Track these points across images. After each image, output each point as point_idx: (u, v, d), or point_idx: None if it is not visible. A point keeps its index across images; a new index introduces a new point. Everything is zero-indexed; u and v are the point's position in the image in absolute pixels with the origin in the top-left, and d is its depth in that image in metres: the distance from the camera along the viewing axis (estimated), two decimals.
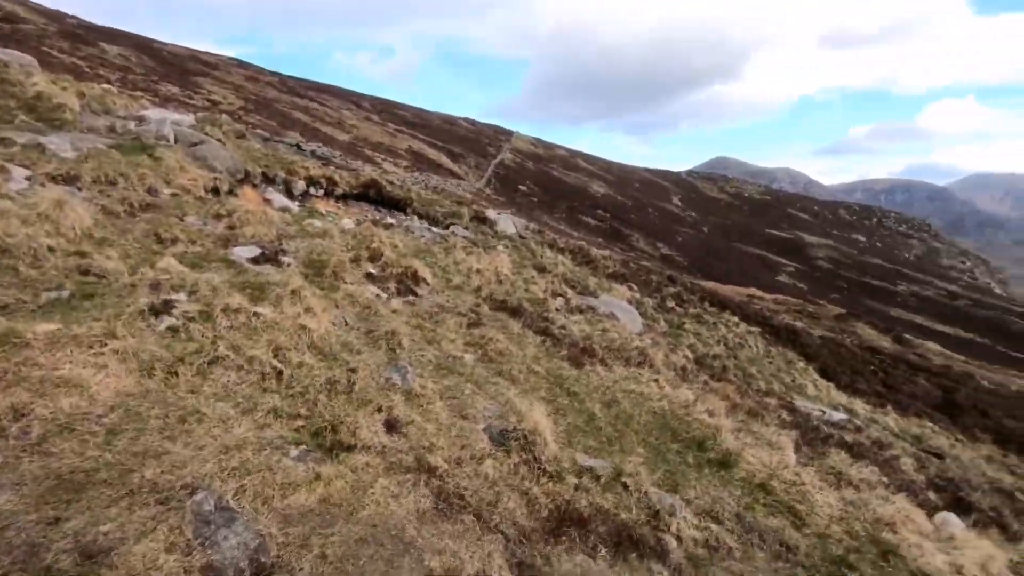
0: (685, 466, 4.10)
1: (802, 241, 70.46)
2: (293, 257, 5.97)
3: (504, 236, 12.79)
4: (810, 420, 7.60)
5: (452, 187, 28.12)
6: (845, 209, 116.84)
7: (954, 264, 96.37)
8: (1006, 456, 14.75)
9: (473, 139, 63.28)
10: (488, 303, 6.83)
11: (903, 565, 3.59)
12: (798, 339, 19.14)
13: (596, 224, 46.39)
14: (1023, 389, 25.64)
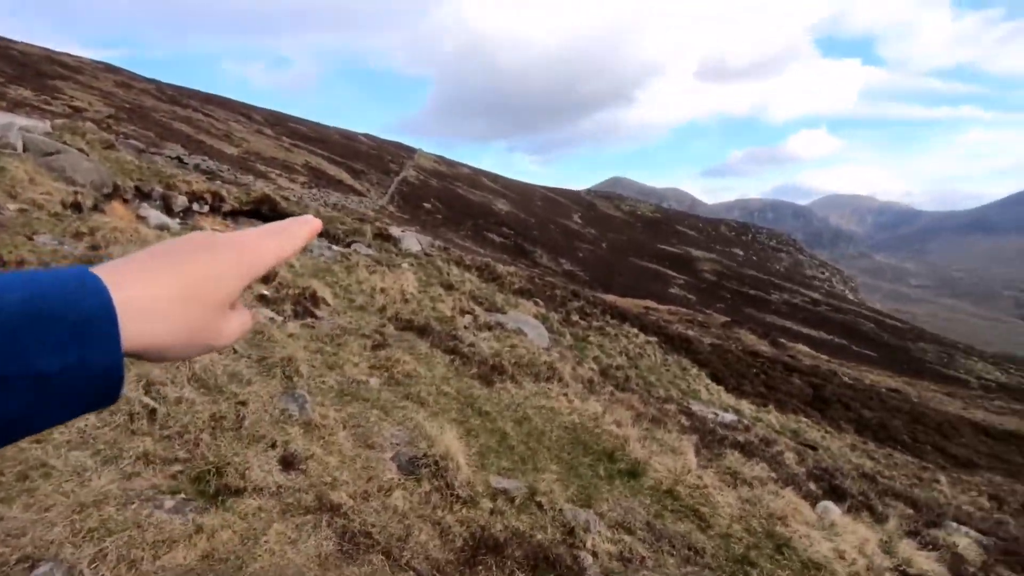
0: (597, 479, 4.13)
1: (690, 255, 76.01)
2: None
3: (409, 254, 12.51)
4: (706, 423, 8.06)
5: (353, 204, 27.20)
6: (725, 226, 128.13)
7: (815, 274, 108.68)
8: (865, 443, 16.66)
9: (375, 156, 61.93)
10: (394, 323, 6.58)
11: (796, 556, 3.84)
12: (691, 347, 20.47)
13: (501, 241, 46.99)
14: (875, 383, 29.23)
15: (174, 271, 0.45)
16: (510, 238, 50.30)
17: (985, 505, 11.02)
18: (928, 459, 16.95)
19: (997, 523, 8.87)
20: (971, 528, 7.01)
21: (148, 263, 0.45)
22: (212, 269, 0.47)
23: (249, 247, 0.50)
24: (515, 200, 76.64)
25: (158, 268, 0.45)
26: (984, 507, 10.73)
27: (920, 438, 19.25)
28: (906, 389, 30.13)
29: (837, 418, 18.55)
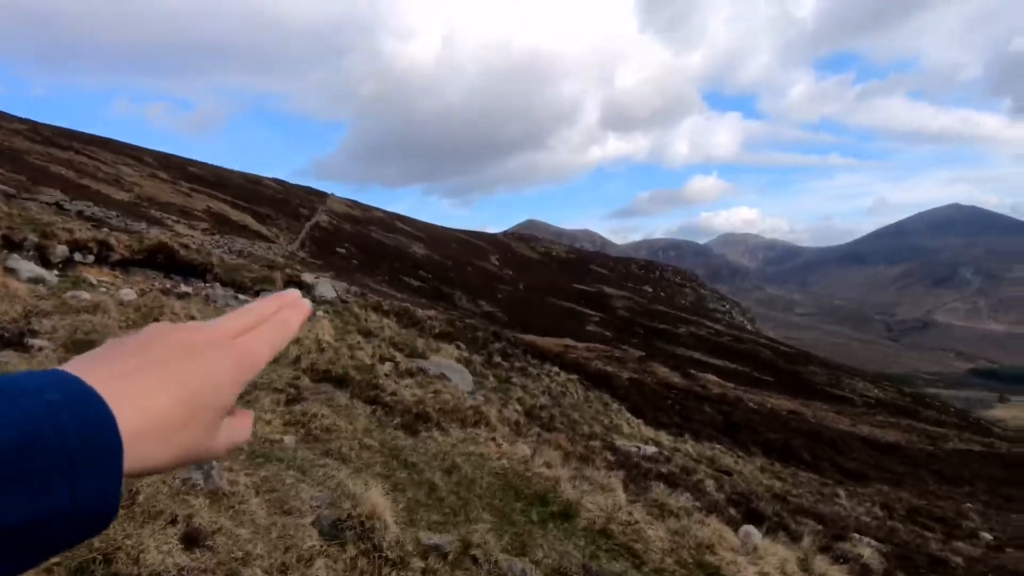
0: (531, 524, 4.04)
1: (604, 294, 79.06)
2: (48, 338, 4.78)
3: (324, 301, 12.01)
4: (631, 458, 8.22)
5: (261, 251, 25.90)
6: (635, 264, 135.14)
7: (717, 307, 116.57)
8: (773, 464, 17.69)
9: (283, 200, 59.79)
10: (310, 374, 6.22)
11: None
12: (610, 382, 21.03)
13: (419, 285, 46.48)
14: (776, 406, 31.39)
15: (175, 384, 0.41)
16: (428, 281, 49.91)
17: (879, 514, 11.97)
18: (827, 474, 18.25)
19: (891, 531, 9.65)
20: (871, 538, 7.57)
21: (144, 372, 0.40)
22: (210, 378, 0.42)
23: (244, 347, 0.45)
24: (432, 243, 76.59)
25: (157, 381, 0.41)
26: (878, 516, 11.64)
27: (818, 455, 20.74)
28: (803, 410, 32.58)
29: (746, 442, 19.62)
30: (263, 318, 0.48)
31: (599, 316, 63.57)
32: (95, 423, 0.36)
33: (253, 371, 0.45)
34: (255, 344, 0.45)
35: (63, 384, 0.36)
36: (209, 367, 0.42)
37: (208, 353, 0.43)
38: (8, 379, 0.35)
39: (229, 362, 0.43)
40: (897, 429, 33.32)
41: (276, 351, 0.47)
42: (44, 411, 0.34)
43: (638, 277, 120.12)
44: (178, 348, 0.42)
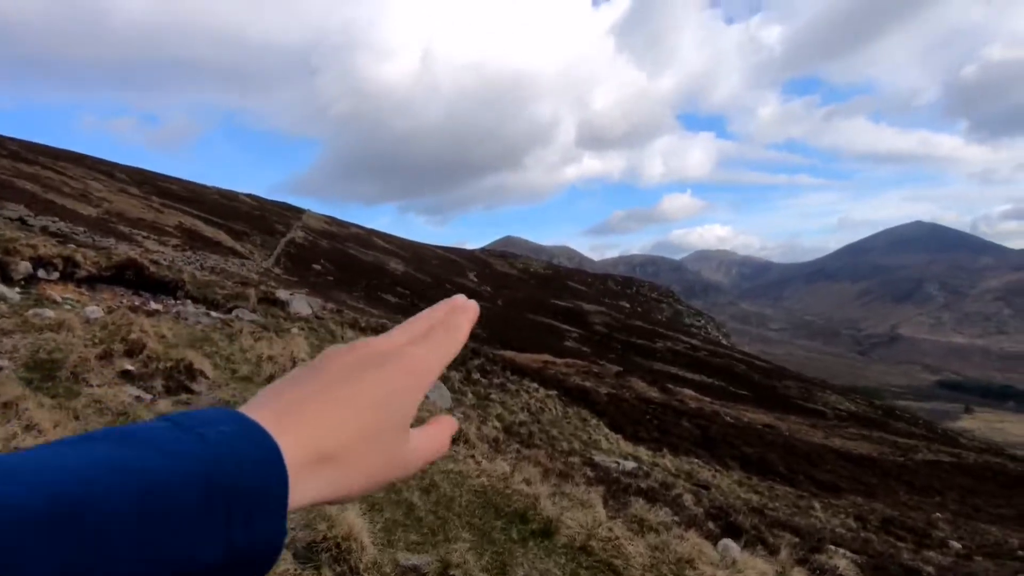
0: (511, 543, 4.00)
1: (582, 309, 79.52)
2: (9, 358, 4.61)
3: (299, 317, 11.83)
4: (610, 473, 8.21)
5: (235, 267, 25.45)
6: (612, 280, 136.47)
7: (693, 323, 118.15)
8: (750, 478, 17.85)
9: (258, 216, 59.00)
10: None
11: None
12: (588, 398, 21.06)
13: (397, 301, 46.11)
14: (752, 420, 31.77)
15: (348, 406, 0.39)
16: (406, 298, 49.57)
17: (853, 525, 12.14)
18: (802, 487, 18.47)
19: (864, 542, 9.79)
20: (846, 549, 7.67)
21: (314, 399, 0.39)
22: (387, 392, 0.40)
23: (413, 354, 0.43)
24: (409, 260, 76.24)
25: (328, 405, 0.39)
26: (852, 527, 11.80)
27: (794, 468, 21.00)
28: (777, 424, 33.03)
29: (723, 456, 19.78)
30: (433, 324, 0.46)
31: (577, 332, 63.82)
32: (261, 459, 0.34)
33: (427, 378, 0.43)
34: (424, 350, 0.43)
35: (230, 419, 0.35)
36: (382, 381, 0.40)
37: (380, 366, 0.41)
38: (181, 414, 0.35)
39: (401, 372, 0.41)
40: (869, 441, 33.99)
41: (448, 355, 0.45)
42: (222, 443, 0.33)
43: (615, 293, 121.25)
44: (349, 367, 0.40)
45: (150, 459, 0.31)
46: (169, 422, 0.34)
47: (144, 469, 0.31)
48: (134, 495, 0.30)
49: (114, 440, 0.32)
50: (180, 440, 0.33)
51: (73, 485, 0.31)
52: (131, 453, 0.31)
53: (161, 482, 0.31)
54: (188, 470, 0.32)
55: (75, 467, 0.31)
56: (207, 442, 0.33)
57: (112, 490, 0.30)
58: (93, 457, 0.31)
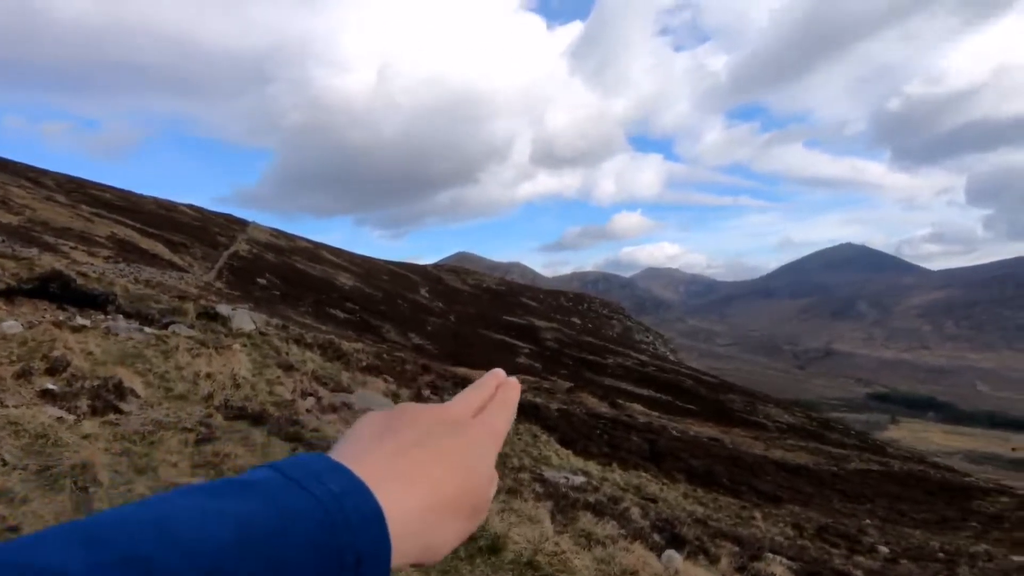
0: (457, 560, 3.96)
1: (534, 325, 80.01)
2: None
3: (241, 333, 11.39)
4: (559, 488, 8.26)
5: (172, 280, 24.27)
6: (564, 297, 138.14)
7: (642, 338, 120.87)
8: (696, 490, 18.30)
9: (200, 228, 56.63)
10: (223, 412, 5.85)
11: None
12: (540, 414, 21.12)
13: (346, 317, 45.06)
14: (698, 433, 32.65)
15: (450, 466, 0.39)
16: (355, 313, 48.51)
17: (790, 533, 12.63)
18: (745, 498, 19.09)
19: (801, 549, 10.20)
20: (784, 556, 7.97)
21: (415, 453, 0.38)
22: (479, 456, 0.42)
23: (490, 423, 0.46)
24: (360, 275, 74.82)
25: (431, 461, 0.38)
26: (790, 535, 12.28)
27: (737, 479, 21.69)
28: (722, 437, 34.09)
29: (671, 469, 20.21)
30: (489, 396, 0.49)
31: (529, 348, 64.11)
32: (369, 521, 0.34)
33: (499, 447, 0.45)
34: (496, 420, 0.46)
35: (336, 473, 0.34)
36: (475, 442, 0.42)
37: (468, 430, 0.42)
38: (288, 461, 0.34)
39: (486, 436, 0.43)
40: (806, 452, 35.53)
41: (509, 424, 0.49)
42: (332, 503, 0.33)
43: (567, 309, 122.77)
44: (439, 426, 0.41)
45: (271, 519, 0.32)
46: (278, 473, 0.34)
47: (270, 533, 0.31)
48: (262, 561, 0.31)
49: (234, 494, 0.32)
50: (293, 496, 0.33)
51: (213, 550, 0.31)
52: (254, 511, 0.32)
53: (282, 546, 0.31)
54: (305, 532, 0.32)
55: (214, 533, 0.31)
56: (318, 500, 0.33)
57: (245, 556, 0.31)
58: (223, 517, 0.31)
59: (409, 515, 0.36)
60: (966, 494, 26.26)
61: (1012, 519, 20.44)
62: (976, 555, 12.55)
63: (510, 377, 0.54)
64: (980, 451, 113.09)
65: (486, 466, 0.43)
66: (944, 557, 11.93)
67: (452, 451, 0.40)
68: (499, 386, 0.52)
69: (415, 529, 0.36)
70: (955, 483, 30.10)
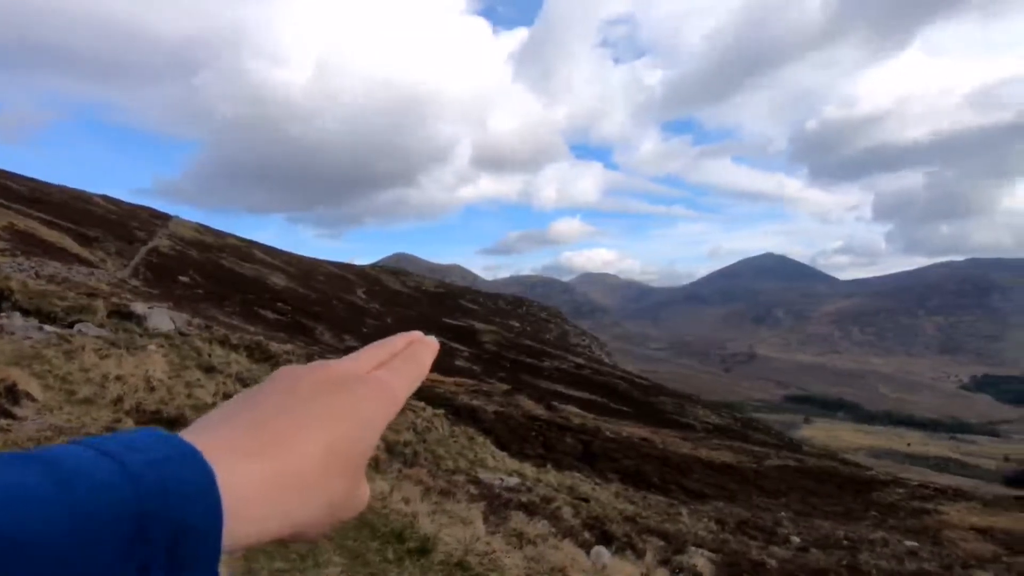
0: (386, 563, 3.89)
1: (473, 328, 79.89)
2: None
3: (159, 333, 10.69)
4: (493, 489, 8.28)
5: (81, 276, 22.44)
6: (503, 300, 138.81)
7: (579, 342, 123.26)
8: (627, 489, 18.86)
9: (116, 221, 52.71)
10: (134, 416, 5.47)
11: None
12: (476, 416, 21.11)
13: (277, 318, 43.24)
14: (631, 434, 33.66)
15: (315, 425, 0.35)
16: (287, 314, 46.64)
17: (713, 528, 13.24)
18: (673, 496, 19.85)
19: (722, 542, 10.73)
20: (706, 549, 8.35)
21: (273, 417, 0.35)
22: (358, 416, 0.36)
23: (384, 381, 0.38)
24: (294, 275, 72.05)
25: (291, 423, 0.35)
26: (713, 530, 12.88)
27: (666, 478, 22.52)
28: (653, 437, 35.31)
29: (604, 470, 20.72)
30: (394, 353, 0.43)
31: (468, 351, 63.93)
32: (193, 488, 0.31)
33: (395, 408, 0.39)
34: (395, 378, 0.39)
35: (160, 442, 0.31)
36: (356, 403, 0.36)
37: (347, 388, 0.37)
38: (107, 438, 0.31)
39: (370, 396, 0.37)
40: (730, 451, 37.39)
41: (412, 385, 0.42)
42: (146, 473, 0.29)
43: (506, 312, 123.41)
44: (316, 386, 0.36)
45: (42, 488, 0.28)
46: (92, 448, 0.30)
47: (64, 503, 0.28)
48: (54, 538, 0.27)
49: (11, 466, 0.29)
50: (84, 463, 0.29)
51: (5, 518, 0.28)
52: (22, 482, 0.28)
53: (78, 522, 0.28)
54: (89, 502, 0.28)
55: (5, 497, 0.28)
56: (129, 472, 0.30)
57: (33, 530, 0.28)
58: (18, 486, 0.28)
59: (256, 484, 0.32)
60: (868, 487, 28.52)
61: (906, 508, 22.39)
62: (875, 541, 13.66)
63: (428, 336, 0.47)
64: (881, 447, 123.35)
65: (368, 429, 0.37)
66: (848, 544, 12.90)
67: (324, 413, 0.36)
68: (410, 343, 0.45)
69: (268, 499, 0.33)
70: (859, 477, 32.62)
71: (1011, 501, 25.92)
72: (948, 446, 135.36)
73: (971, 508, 22.12)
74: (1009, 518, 20.83)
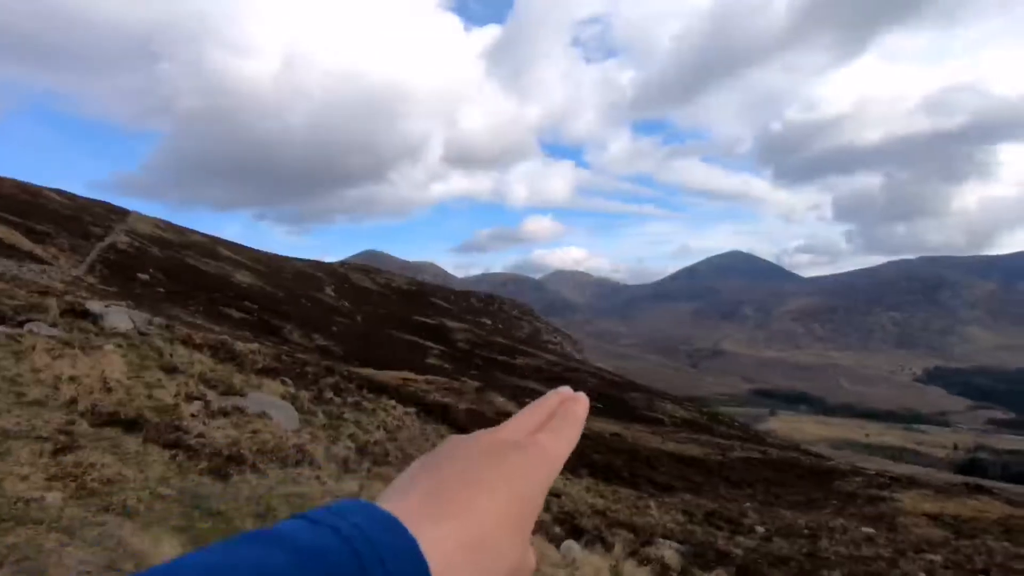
0: None
1: (445, 326, 79.49)
2: None
3: (117, 333, 10.32)
4: None
5: (32, 274, 21.48)
6: (475, 298, 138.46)
7: (551, 339, 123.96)
8: (597, 484, 19.07)
9: (70, 216, 50.57)
10: (89, 418, 5.28)
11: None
12: (448, 414, 21.01)
13: (243, 317, 42.18)
14: (601, 430, 34.06)
15: (490, 492, 0.37)
16: (254, 313, 45.55)
17: (681, 520, 13.53)
18: (642, 489, 20.17)
19: (690, 533, 10.97)
20: (673, 540, 8.52)
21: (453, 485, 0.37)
22: (526, 481, 0.38)
23: (545, 443, 0.40)
24: (261, 272, 70.38)
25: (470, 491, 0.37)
26: (680, 521, 13.16)
27: (636, 472, 22.87)
28: (623, 432, 35.80)
29: (575, 465, 20.90)
30: (550, 413, 0.44)
31: (439, 348, 63.61)
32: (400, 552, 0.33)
33: (557, 466, 0.41)
34: (554, 440, 0.41)
35: (361, 511, 0.34)
36: (522, 469, 0.38)
37: (515, 454, 0.39)
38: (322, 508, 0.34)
39: (535, 460, 0.39)
40: (697, 444, 38.20)
41: (572, 444, 0.43)
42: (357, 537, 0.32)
43: (478, 310, 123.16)
44: (485, 453, 0.39)
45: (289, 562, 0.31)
46: (304, 520, 0.33)
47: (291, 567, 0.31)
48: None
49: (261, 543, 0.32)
50: (314, 535, 0.32)
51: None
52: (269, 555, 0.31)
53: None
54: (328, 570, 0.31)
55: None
56: (344, 537, 0.32)
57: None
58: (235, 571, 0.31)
59: (449, 550, 0.35)
60: (829, 477, 29.52)
61: (864, 496, 23.27)
62: (834, 529, 14.16)
63: (577, 392, 0.49)
64: (841, 438, 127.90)
65: (537, 491, 0.39)
66: (808, 532, 13.34)
67: (497, 479, 0.38)
68: (563, 402, 0.47)
69: (464, 563, 0.35)
70: (820, 467, 33.73)
71: (960, 488, 27.24)
72: (903, 436, 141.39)
73: (923, 495, 23.13)
74: (958, 503, 21.89)
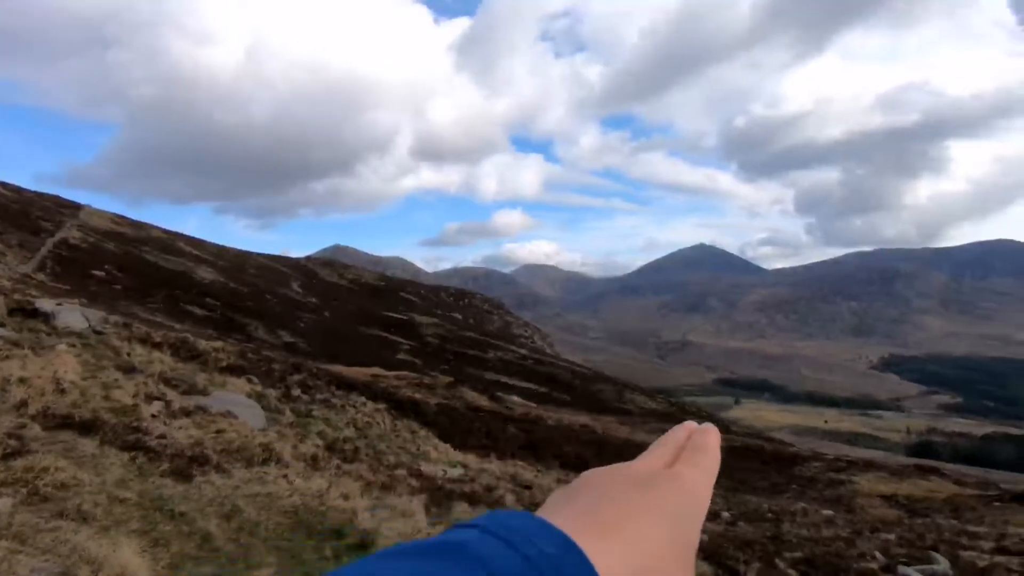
0: (323, 561, 3.81)
1: (415, 321, 78.88)
2: None
3: (70, 332, 9.91)
4: (435, 481, 8.26)
5: None
6: (445, 292, 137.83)
7: (521, 333, 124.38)
8: (568, 475, 19.30)
9: (17, 210, 48.15)
10: (41, 421, 5.06)
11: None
12: (419, 409, 20.91)
13: (205, 314, 40.99)
14: (572, 422, 34.42)
15: (655, 522, 0.37)
16: (216, 310, 44.30)
17: None
18: None
19: None
20: None
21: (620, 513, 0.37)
22: (678, 510, 0.38)
23: (688, 476, 0.40)
24: (224, 268, 68.42)
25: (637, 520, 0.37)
26: None
27: (605, 462, 23.08)
28: (593, 424, 36.24)
29: (545, 457, 21.07)
30: (679, 447, 0.44)
31: (410, 344, 63.13)
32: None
33: (704, 499, 0.40)
34: (694, 471, 0.41)
35: (547, 535, 0.33)
36: (676, 499, 0.38)
37: (659, 484, 0.39)
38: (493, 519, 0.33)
39: (684, 492, 0.39)
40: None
41: (712, 476, 0.43)
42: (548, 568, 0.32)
43: (448, 304, 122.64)
44: (627, 483, 0.38)
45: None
46: (487, 533, 0.33)
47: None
48: None
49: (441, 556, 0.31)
50: (506, 559, 0.32)
51: None
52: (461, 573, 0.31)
53: None
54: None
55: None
56: (533, 564, 0.32)
57: None
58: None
59: (620, 569, 0.35)
60: (791, 462, 30.54)
61: (823, 480, 24.18)
62: (796, 512, 14.68)
63: (704, 424, 0.48)
64: (803, 425, 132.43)
65: (692, 523, 0.39)
66: (772, 516, 13.79)
67: (654, 508, 0.37)
68: (691, 435, 0.47)
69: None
70: (783, 454, 34.86)
71: (912, 470, 28.55)
72: (860, 422, 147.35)
73: (879, 477, 24.19)
74: (910, 484, 22.96)
